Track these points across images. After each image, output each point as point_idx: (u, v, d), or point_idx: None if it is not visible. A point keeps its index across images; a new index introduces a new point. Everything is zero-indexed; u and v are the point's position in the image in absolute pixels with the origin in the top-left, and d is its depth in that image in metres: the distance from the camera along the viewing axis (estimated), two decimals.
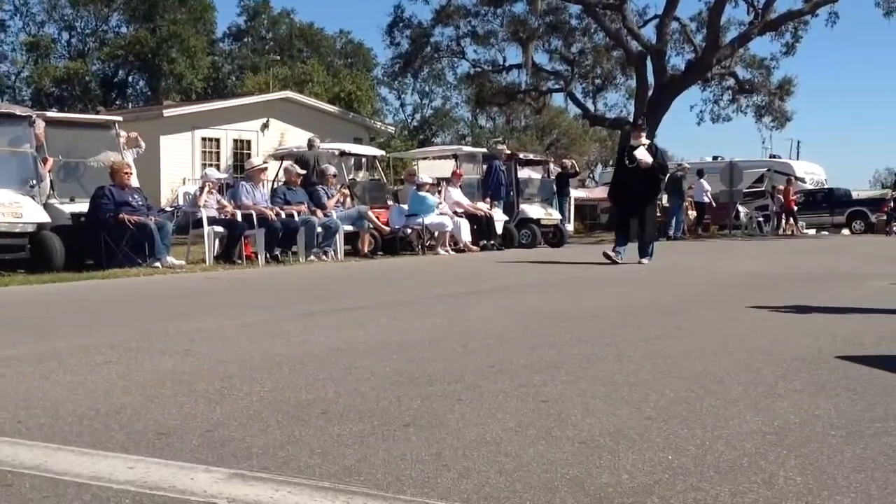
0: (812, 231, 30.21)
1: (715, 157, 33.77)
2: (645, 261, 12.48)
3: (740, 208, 28.65)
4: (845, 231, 31.12)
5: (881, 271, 10.92)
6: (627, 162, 12.73)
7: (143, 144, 14.44)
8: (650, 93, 31.41)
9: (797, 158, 46.47)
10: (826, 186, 35.89)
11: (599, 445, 2.97)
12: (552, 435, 3.11)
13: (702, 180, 26.92)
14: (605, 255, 12.31)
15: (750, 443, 3.00)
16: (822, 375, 4.19)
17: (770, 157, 37.80)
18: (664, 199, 25.64)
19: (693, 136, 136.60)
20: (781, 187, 29.34)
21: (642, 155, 12.55)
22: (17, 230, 10.90)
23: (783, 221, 29.16)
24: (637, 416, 3.39)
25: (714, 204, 27.18)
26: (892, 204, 29.77)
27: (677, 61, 33.53)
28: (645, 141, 13.01)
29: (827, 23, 31.09)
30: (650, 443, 3.00)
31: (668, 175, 14.14)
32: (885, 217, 30.15)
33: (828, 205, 32.95)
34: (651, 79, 31.52)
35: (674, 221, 24.68)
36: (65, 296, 8.76)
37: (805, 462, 2.78)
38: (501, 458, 2.82)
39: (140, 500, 2.42)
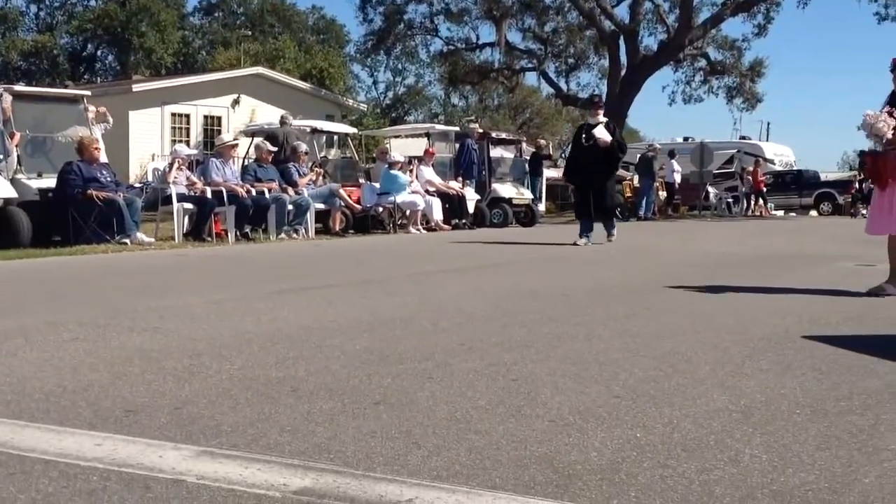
0: (780, 212, 30.47)
1: (686, 138, 33.94)
2: (613, 235, 12.50)
3: (710, 189, 28.84)
4: (813, 213, 31.45)
5: (847, 252, 11.04)
6: (584, 140, 12.50)
7: (110, 120, 14.27)
8: (623, 73, 31.46)
9: (767, 140, 46.82)
10: (795, 168, 36.21)
11: (569, 423, 3.00)
12: (522, 413, 3.13)
13: (672, 161, 27.05)
14: (575, 244, 12.23)
15: (717, 421, 3.04)
16: (788, 355, 4.24)
17: (740, 139, 38.03)
18: (635, 179, 25.77)
19: (665, 116, 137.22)
20: (751, 169, 29.56)
21: (601, 133, 12.32)
22: None
23: (752, 203, 29.39)
24: (606, 394, 3.42)
25: (677, 184, 27.32)
26: (858, 186, 30.10)
27: (650, 42, 33.63)
28: (602, 119, 12.79)
29: (799, 4, 31.24)
30: (619, 421, 3.03)
31: (625, 153, 13.87)
32: (851, 199, 30.49)
33: (796, 186, 33.27)
34: (624, 59, 31.57)
35: (644, 202, 24.81)
36: (32, 272, 8.66)
37: (770, 440, 2.82)
38: (471, 436, 2.84)
39: (108, 478, 2.41)
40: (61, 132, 13.00)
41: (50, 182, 11.70)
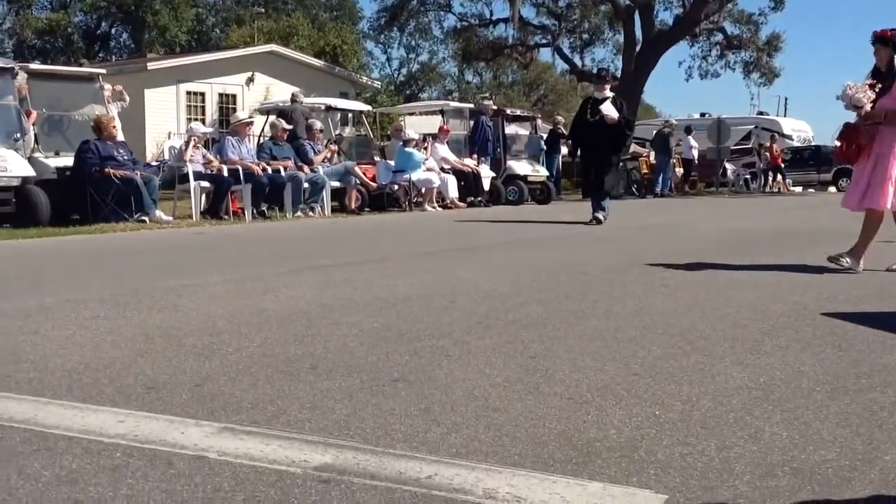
0: (799, 188, 30.26)
1: (703, 114, 33.70)
2: (600, 216, 11.88)
3: (727, 165, 28.65)
4: (832, 188, 31.19)
5: None
6: (590, 115, 11.97)
7: (127, 98, 14.32)
8: (638, 48, 31.24)
9: (785, 115, 46.44)
10: (813, 144, 35.90)
11: (587, 401, 3.00)
12: (540, 390, 3.14)
13: (689, 137, 26.89)
14: (591, 222, 11.93)
15: (736, 398, 3.03)
16: (807, 332, 4.23)
17: (758, 114, 37.76)
18: (651, 155, 25.65)
19: (681, 92, 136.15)
20: (769, 144, 29.35)
21: (608, 109, 11.79)
22: (1, 184, 10.81)
23: (770, 179, 29.19)
24: (624, 372, 3.42)
25: (696, 160, 27.16)
26: None
27: (665, 16, 33.37)
28: (609, 94, 12.24)
29: None
30: (637, 398, 3.03)
31: (633, 131, 13.00)
32: None
33: (815, 162, 32.96)
34: (639, 34, 31.34)
35: (661, 178, 24.69)
36: (51, 251, 8.72)
37: (790, 417, 2.81)
38: (490, 413, 2.85)
39: (131, 454, 2.43)
40: (78, 110, 13.04)
41: (67, 160, 11.75)
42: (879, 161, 6.55)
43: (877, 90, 6.49)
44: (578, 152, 12.80)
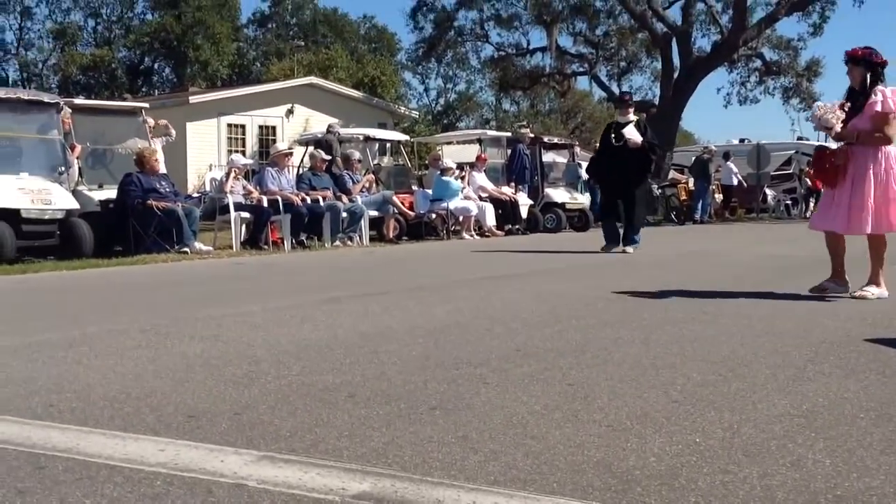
0: None
1: (742, 140, 33.44)
2: (629, 249, 11.59)
3: (768, 191, 28.37)
4: None
5: None
6: (614, 140, 11.71)
7: (173, 132, 14.47)
8: (676, 75, 31.15)
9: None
10: None
11: (626, 429, 2.98)
12: (579, 418, 3.12)
13: (728, 163, 26.70)
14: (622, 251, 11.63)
15: (778, 426, 2.99)
16: (850, 358, 4.16)
17: (798, 140, 37.39)
18: (690, 182, 25.48)
19: (720, 118, 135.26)
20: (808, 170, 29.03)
21: (631, 133, 11.53)
22: (46, 217, 10.99)
23: (812, 204, 28.83)
24: (664, 399, 3.39)
25: (745, 184, 26.95)
26: None
27: (703, 43, 33.27)
28: (633, 117, 11.96)
29: (855, 3, 30.74)
30: (677, 426, 3.00)
31: (658, 155, 12.64)
32: None
33: None
34: (677, 60, 31.25)
35: (700, 205, 24.52)
36: (95, 282, 8.85)
37: (834, 444, 2.77)
38: (528, 441, 2.83)
39: (171, 482, 2.45)
40: (121, 144, 13.26)
41: (110, 193, 11.93)
42: (856, 184, 6.46)
43: (846, 109, 6.42)
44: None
